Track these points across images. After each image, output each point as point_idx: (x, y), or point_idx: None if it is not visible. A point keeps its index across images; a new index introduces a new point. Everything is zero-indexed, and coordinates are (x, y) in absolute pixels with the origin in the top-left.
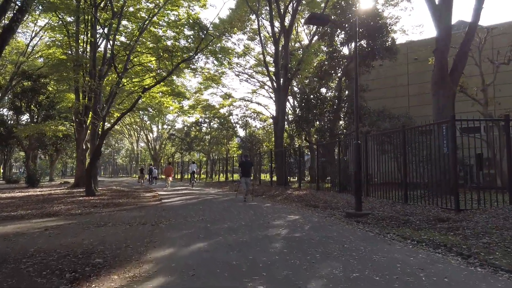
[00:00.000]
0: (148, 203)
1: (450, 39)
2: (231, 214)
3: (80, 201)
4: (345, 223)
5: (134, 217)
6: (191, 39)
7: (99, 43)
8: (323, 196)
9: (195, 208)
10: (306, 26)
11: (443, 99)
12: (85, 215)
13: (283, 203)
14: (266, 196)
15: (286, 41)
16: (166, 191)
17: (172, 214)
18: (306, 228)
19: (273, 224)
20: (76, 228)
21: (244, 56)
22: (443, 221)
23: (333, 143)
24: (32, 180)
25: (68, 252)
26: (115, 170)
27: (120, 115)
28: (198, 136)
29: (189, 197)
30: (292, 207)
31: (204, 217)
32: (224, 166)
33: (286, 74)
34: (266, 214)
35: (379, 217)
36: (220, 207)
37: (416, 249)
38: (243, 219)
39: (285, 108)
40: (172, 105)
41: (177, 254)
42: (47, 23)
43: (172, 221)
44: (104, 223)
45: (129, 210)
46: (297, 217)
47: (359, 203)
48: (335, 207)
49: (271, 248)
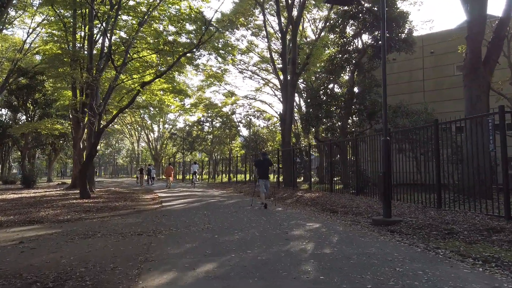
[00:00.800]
0: (147, 207)
1: (485, 24)
2: (241, 221)
3: (72, 204)
4: (376, 233)
5: (130, 225)
6: (193, 34)
7: (96, 39)
8: (339, 199)
9: (199, 214)
10: (312, 21)
11: (477, 90)
12: (73, 222)
13: (295, 207)
14: (274, 199)
15: (294, 34)
16: (167, 192)
17: (173, 221)
18: (334, 241)
19: (293, 235)
20: (58, 240)
21: (248, 53)
22: (497, 231)
23: (346, 141)
24: (28, 181)
25: (37, 278)
26: (115, 170)
27: (117, 111)
28: (200, 136)
29: (191, 200)
30: (307, 211)
31: (210, 225)
32: (227, 167)
33: (294, 69)
34: (280, 221)
35: (414, 225)
36: (227, 211)
37: (491, 273)
38: (255, 228)
39: (293, 105)
40: (174, 103)
41: (179, 282)
42: (44, 19)
43: (173, 231)
44: (92, 233)
45: (125, 215)
46: (318, 225)
47: (388, 209)
48: (357, 212)
49: (301, 273)
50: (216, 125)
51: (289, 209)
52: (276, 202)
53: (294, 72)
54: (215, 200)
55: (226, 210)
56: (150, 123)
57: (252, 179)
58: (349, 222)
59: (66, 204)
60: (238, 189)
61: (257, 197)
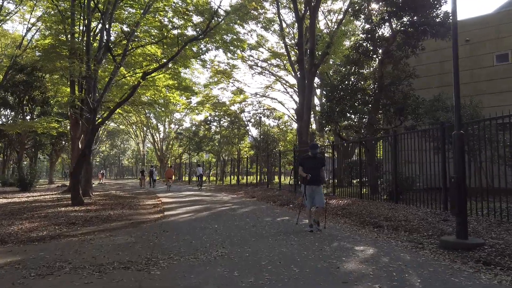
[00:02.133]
0: (146, 217)
1: None
2: (264, 242)
3: (58, 213)
4: (460, 263)
5: (117, 248)
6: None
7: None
8: (376, 208)
9: (209, 229)
10: (327, 13)
11: None
12: (46, 242)
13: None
14: (293, 206)
15: (312, 21)
16: (171, 197)
17: (175, 241)
18: (416, 285)
19: (349, 271)
20: (1, 280)
21: (258, 48)
22: None
23: (382, 138)
24: (24, 184)
25: None
26: (120, 171)
27: (116, 104)
28: (207, 136)
29: (198, 207)
30: (343, 226)
31: (225, 250)
32: (235, 168)
33: (313, 60)
34: (318, 242)
35: (506, 251)
36: (243, 226)
37: None
38: (287, 254)
39: (311, 99)
40: (180, 101)
41: None
42: (44, 13)
43: (175, 259)
44: (58, 267)
45: (116, 230)
46: (372, 250)
47: (463, 227)
48: (409, 228)
49: None
50: (224, 125)
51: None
52: (326, 221)
53: (312, 63)
54: (226, 207)
55: (241, 223)
56: (156, 123)
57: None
58: (406, 243)
59: (52, 213)
60: (250, 193)
61: (303, 210)
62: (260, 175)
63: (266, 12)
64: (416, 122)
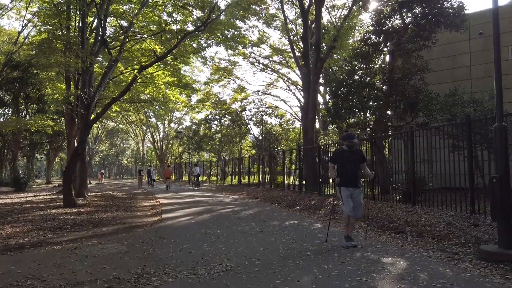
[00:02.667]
0: (142, 220)
1: None
2: (276, 252)
3: (47, 216)
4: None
5: (103, 260)
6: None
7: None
8: (393, 211)
9: (210, 235)
10: (331, 8)
11: None
12: (24, 251)
13: (335, 221)
14: (300, 208)
15: (318, 12)
16: (170, 198)
17: (172, 251)
18: None
19: None
20: None
21: (259, 45)
22: None
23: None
24: (19, 184)
25: None
26: (120, 171)
27: (111, 100)
28: (208, 134)
29: (199, 209)
30: (359, 231)
31: (230, 263)
32: (236, 167)
33: (319, 54)
34: (337, 252)
35: None
36: (248, 231)
37: None
38: (304, 268)
39: (317, 95)
40: (180, 99)
41: None
42: (40, 8)
43: (170, 275)
44: (29, 285)
45: (107, 236)
46: (404, 264)
47: (508, 235)
48: (437, 234)
49: None
50: (225, 123)
51: (332, 227)
52: (368, 231)
53: (318, 57)
54: (228, 209)
55: (246, 227)
56: (155, 122)
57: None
58: (438, 252)
59: (39, 215)
60: (252, 194)
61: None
62: (262, 174)
63: (268, 7)
64: (429, 119)
